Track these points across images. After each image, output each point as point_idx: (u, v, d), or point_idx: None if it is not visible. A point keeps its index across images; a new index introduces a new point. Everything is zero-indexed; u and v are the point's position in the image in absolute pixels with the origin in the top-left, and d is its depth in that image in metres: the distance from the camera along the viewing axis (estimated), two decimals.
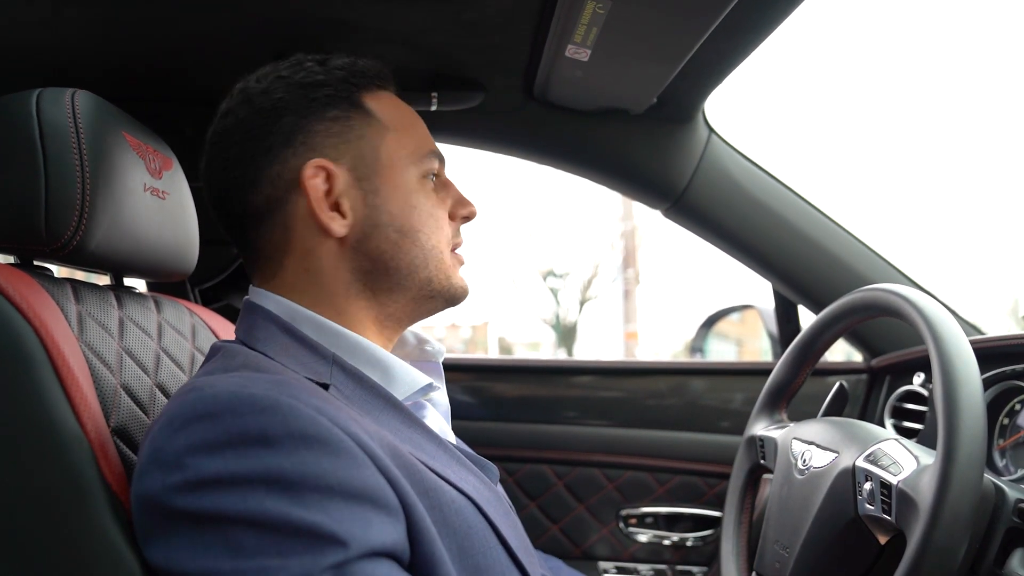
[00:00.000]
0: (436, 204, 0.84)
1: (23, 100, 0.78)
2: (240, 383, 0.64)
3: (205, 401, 0.62)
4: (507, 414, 1.76)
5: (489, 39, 1.16)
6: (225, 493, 0.59)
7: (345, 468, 0.61)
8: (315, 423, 0.62)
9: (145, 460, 0.63)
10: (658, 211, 1.56)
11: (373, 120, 0.81)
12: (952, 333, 0.80)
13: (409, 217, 0.81)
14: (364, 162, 0.80)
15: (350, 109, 0.80)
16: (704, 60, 1.16)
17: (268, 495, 0.58)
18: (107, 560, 0.66)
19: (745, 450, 1.14)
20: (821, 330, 1.07)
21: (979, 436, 0.74)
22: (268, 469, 0.59)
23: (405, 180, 0.81)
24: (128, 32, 1.17)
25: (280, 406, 0.61)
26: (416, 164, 0.82)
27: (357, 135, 0.80)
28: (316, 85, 0.80)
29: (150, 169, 0.90)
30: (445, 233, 0.84)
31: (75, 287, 0.83)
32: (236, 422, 0.60)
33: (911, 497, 0.77)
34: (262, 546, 0.57)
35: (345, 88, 0.81)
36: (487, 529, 0.72)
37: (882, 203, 23.60)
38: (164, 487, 0.60)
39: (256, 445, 0.60)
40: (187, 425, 0.62)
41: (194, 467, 0.60)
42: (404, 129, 0.83)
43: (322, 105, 0.79)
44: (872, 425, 0.96)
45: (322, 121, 0.79)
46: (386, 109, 0.83)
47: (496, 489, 0.81)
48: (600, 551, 1.69)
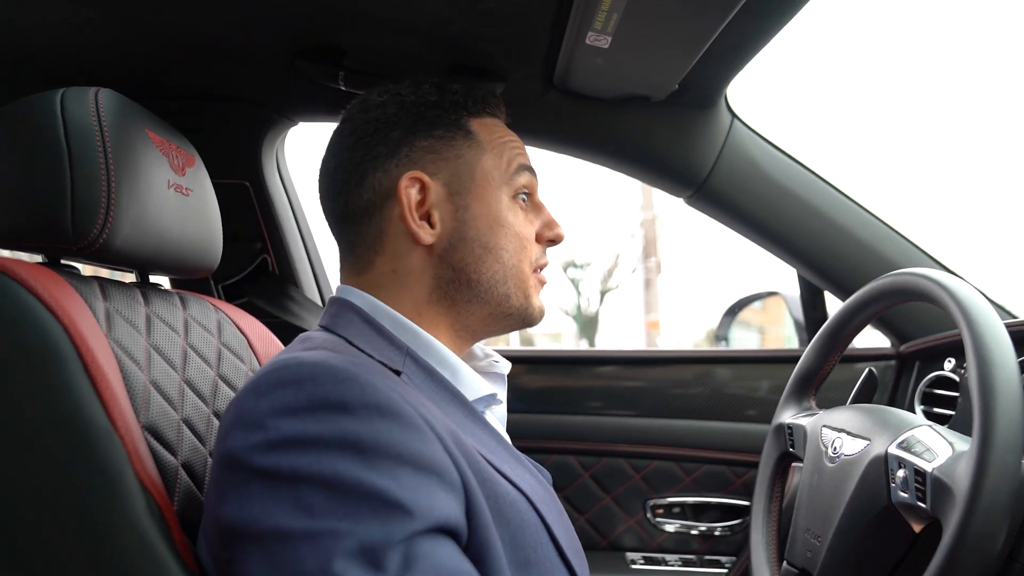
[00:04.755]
0: (524, 224, 0.87)
1: (47, 100, 0.79)
2: (323, 357, 0.68)
3: (290, 368, 0.66)
4: (531, 405, 1.76)
5: (508, 28, 1.15)
6: (301, 453, 0.61)
7: (416, 441, 0.64)
8: (389, 397, 0.65)
9: (229, 423, 0.66)
10: (681, 199, 1.54)
11: (474, 142, 0.86)
12: (986, 316, 0.79)
13: (495, 234, 0.84)
14: (459, 179, 0.84)
15: (455, 130, 0.86)
16: (726, 44, 1.15)
17: (342, 457, 0.61)
18: (140, 555, 0.67)
19: (773, 438, 1.13)
20: (849, 316, 1.06)
21: (1016, 421, 0.73)
22: (344, 433, 0.62)
23: (495, 199, 0.85)
24: (147, 30, 1.18)
25: (359, 378, 0.65)
26: (508, 184, 0.86)
27: (456, 154, 0.85)
28: (427, 105, 0.86)
29: (173, 166, 0.90)
30: (529, 253, 0.87)
31: (102, 285, 0.84)
32: (317, 389, 0.64)
33: (947, 484, 0.76)
34: (332, 507, 0.59)
35: (455, 111, 0.86)
36: (539, 526, 0.73)
37: (909, 186, 23.29)
38: (245, 446, 0.63)
39: (334, 411, 0.63)
40: (271, 391, 0.65)
41: (275, 428, 0.62)
42: (502, 152, 0.87)
43: (429, 124, 0.85)
44: (903, 411, 0.95)
45: (427, 138, 0.85)
46: (490, 133, 0.88)
47: (551, 489, 0.83)
48: (628, 542, 1.69)
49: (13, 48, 1.24)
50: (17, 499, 0.68)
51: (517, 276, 0.86)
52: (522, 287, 0.86)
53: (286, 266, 1.64)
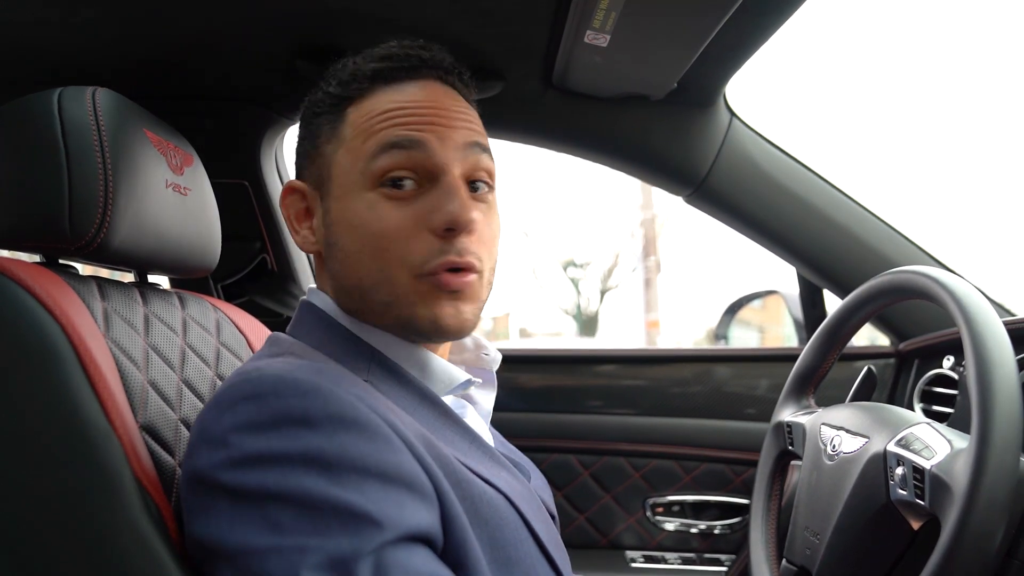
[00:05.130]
0: (390, 218, 0.72)
1: (44, 99, 0.79)
2: (285, 368, 0.66)
3: (251, 383, 0.64)
4: (531, 404, 1.76)
5: (507, 27, 1.15)
6: (266, 470, 0.60)
7: (381, 452, 0.62)
8: (354, 408, 0.63)
9: (193, 439, 0.65)
10: (680, 197, 1.54)
11: (336, 131, 0.77)
12: (985, 314, 0.79)
13: (352, 237, 0.74)
14: (320, 179, 0.79)
15: (328, 126, 0.79)
16: (725, 43, 1.15)
17: (307, 474, 0.59)
18: (138, 554, 0.67)
19: (773, 436, 1.13)
20: (848, 314, 1.06)
21: (1015, 418, 0.73)
22: (308, 448, 0.60)
23: (352, 195, 0.74)
24: (146, 30, 1.18)
25: (321, 390, 0.63)
26: (364, 172, 0.73)
27: (319, 152, 0.79)
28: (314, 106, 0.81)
29: (171, 165, 0.90)
30: (397, 253, 0.72)
31: (100, 284, 0.83)
32: (280, 403, 0.62)
33: (945, 482, 0.76)
34: (299, 524, 0.58)
35: (339, 103, 0.78)
36: (519, 523, 0.71)
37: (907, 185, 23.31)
38: (210, 464, 0.62)
39: (298, 425, 0.61)
40: (233, 406, 0.63)
41: (238, 444, 0.61)
42: (366, 133, 0.75)
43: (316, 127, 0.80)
44: (902, 409, 0.95)
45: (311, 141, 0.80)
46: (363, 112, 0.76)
47: (529, 486, 0.81)
48: (627, 540, 1.69)
49: (12, 48, 1.23)
50: (14, 499, 0.68)
51: (388, 281, 0.73)
52: (397, 293, 0.73)
53: (285, 265, 1.64)
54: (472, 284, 0.74)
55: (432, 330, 0.74)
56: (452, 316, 0.73)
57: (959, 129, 26.36)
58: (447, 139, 0.74)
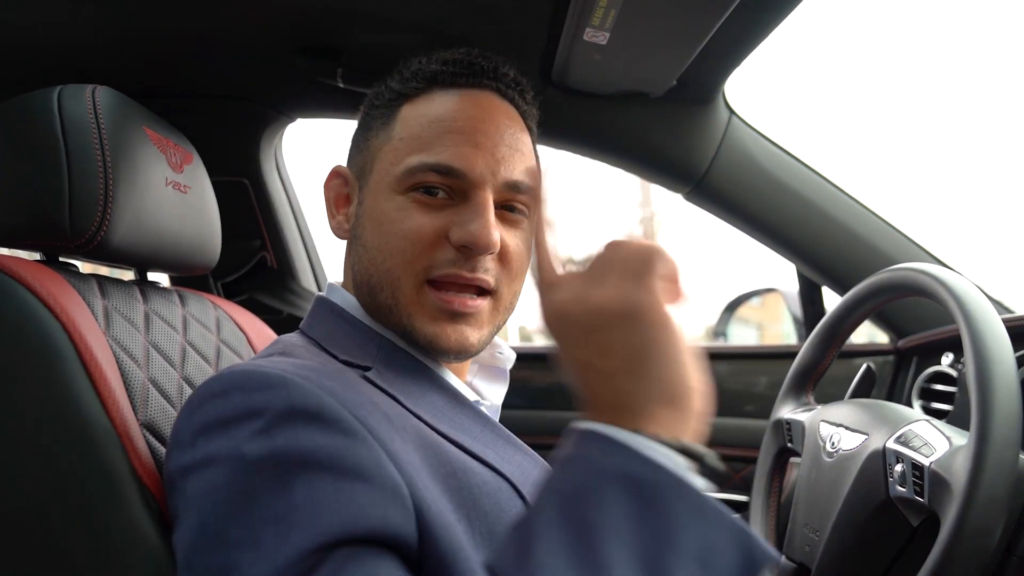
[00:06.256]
0: (416, 222, 0.73)
1: (44, 98, 0.79)
2: (261, 364, 0.64)
3: (221, 380, 0.62)
4: (532, 402, 1.76)
5: (506, 25, 1.15)
6: (219, 468, 0.57)
7: (339, 445, 0.58)
8: (318, 400, 0.60)
9: (169, 443, 0.64)
10: (679, 195, 1.54)
11: (388, 128, 0.79)
12: (984, 311, 0.79)
13: (376, 233, 0.75)
14: (362, 170, 0.80)
15: (383, 119, 0.80)
16: (724, 40, 1.15)
17: (259, 471, 0.56)
18: (138, 551, 0.67)
19: (772, 433, 1.13)
20: (847, 311, 1.06)
21: (1014, 415, 0.73)
22: (263, 446, 0.57)
23: (384, 194, 0.76)
24: (145, 30, 1.18)
25: (287, 383, 0.60)
26: (400, 179, 0.74)
27: (368, 144, 0.81)
28: (375, 98, 0.83)
29: (171, 163, 0.90)
30: (409, 257, 0.72)
31: (100, 282, 0.83)
32: (243, 398, 0.60)
33: (944, 478, 0.76)
34: (244, 532, 0.54)
35: (396, 99, 0.80)
36: (522, 511, 0.67)
37: (906, 182, 23.30)
38: (178, 466, 0.61)
39: (256, 420, 0.58)
40: (202, 404, 0.62)
41: (202, 445, 0.59)
42: (409, 140, 0.76)
43: (370, 117, 0.82)
44: (901, 406, 0.95)
45: (362, 131, 0.82)
46: (418, 111, 0.78)
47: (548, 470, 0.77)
48: None
49: (12, 47, 1.23)
50: (15, 495, 0.68)
51: (392, 284, 0.73)
52: (398, 299, 0.73)
53: (285, 263, 1.64)
54: (481, 310, 0.74)
55: (430, 348, 0.74)
56: (453, 339, 0.73)
57: (959, 127, 26.35)
58: (488, 161, 0.74)
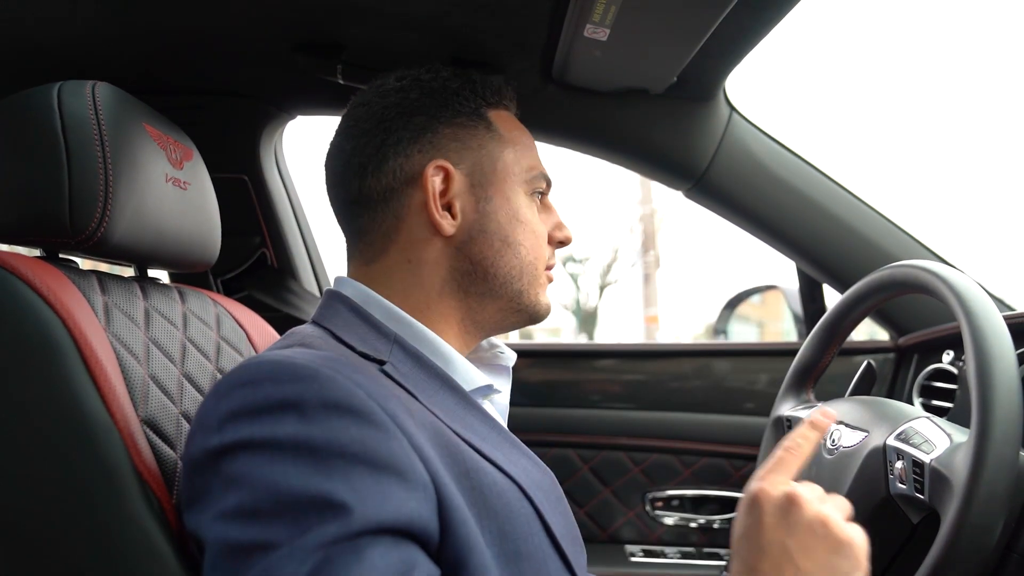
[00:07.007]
0: (539, 222, 0.88)
1: (44, 94, 0.79)
2: (287, 355, 0.66)
3: (250, 369, 0.65)
4: (531, 399, 1.76)
5: (506, 21, 1.15)
6: (253, 455, 0.60)
7: (374, 439, 0.62)
8: (350, 393, 0.63)
9: (192, 426, 0.66)
10: (679, 192, 1.54)
11: (495, 134, 0.86)
12: (985, 308, 0.79)
13: (514, 229, 0.84)
14: (481, 170, 0.84)
15: (477, 120, 0.85)
16: (725, 37, 1.14)
17: (295, 461, 0.59)
18: (139, 547, 0.67)
19: (772, 431, 1.13)
20: (848, 309, 1.06)
21: (1015, 412, 0.73)
22: (297, 434, 0.60)
23: (515, 194, 0.85)
24: (145, 26, 1.18)
25: (318, 376, 0.63)
26: (527, 182, 0.87)
27: (479, 144, 0.85)
28: (450, 92, 0.85)
29: (171, 160, 0.90)
30: (542, 251, 0.88)
31: (100, 279, 0.83)
32: (275, 389, 0.62)
33: (945, 475, 0.76)
34: (278, 513, 0.58)
35: (475, 100, 0.86)
36: (531, 515, 0.71)
37: (907, 179, 23.28)
38: (204, 450, 0.62)
39: (289, 411, 0.61)
40: (230, 392, 0.64)
41: (231, 431, 0.61)
42: (521, 147, 0.88)
43: (452, 111, 0.84)
44: (902, 403, 0.95)
45: (450, 126, 0.84)
46: (507, 126, 0.88)
47: (553, 476, 0.81)
48: (627, 534, 1.69)
49: (12, 43, 1.23)
50: (15, 492, 0.68)
51: (532, 273, 0.86)
52: (535, 284, 0.86)
53: (285, 260, 1.64)
54: None
55: (546, 314, 0.90)
56: (551, 304, 0.92)
57: (960, 124, 26.33)
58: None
